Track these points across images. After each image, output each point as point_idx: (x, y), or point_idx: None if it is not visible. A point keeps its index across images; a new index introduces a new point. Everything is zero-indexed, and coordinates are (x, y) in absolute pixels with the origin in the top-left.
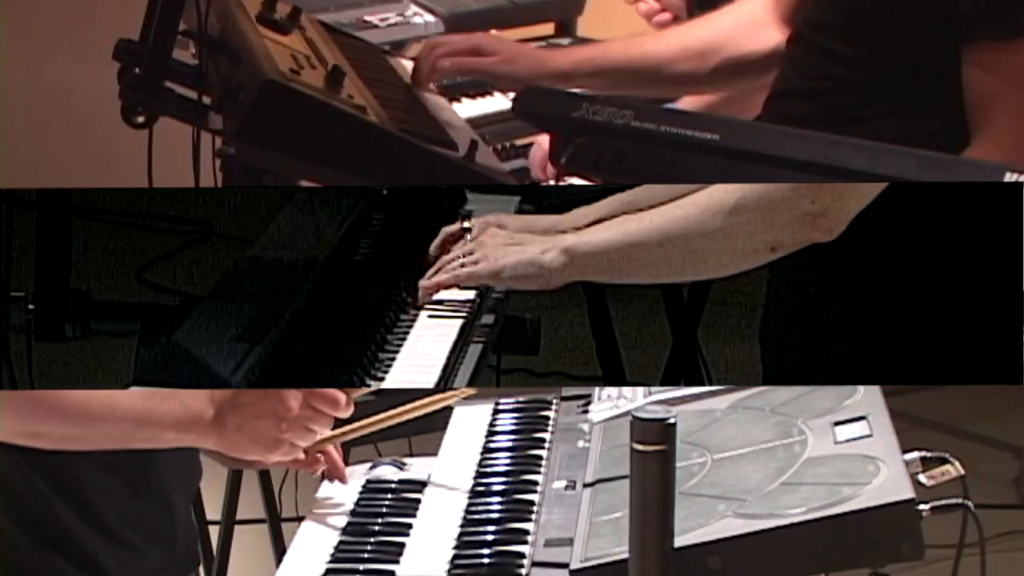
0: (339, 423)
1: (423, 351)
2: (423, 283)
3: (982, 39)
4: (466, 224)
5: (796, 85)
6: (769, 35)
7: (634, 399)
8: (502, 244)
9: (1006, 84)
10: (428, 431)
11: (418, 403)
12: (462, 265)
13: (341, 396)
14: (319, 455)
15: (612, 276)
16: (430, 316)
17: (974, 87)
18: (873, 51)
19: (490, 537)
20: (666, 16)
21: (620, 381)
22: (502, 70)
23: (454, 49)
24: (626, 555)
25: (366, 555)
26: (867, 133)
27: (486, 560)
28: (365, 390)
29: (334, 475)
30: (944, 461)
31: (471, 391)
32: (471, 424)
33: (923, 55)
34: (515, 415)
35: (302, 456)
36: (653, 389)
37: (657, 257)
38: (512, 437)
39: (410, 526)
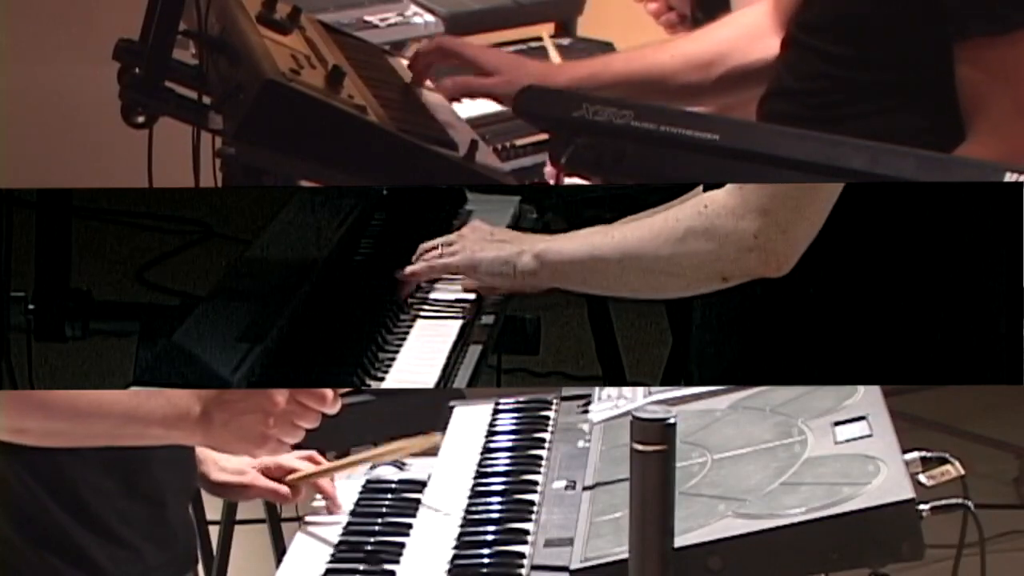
0: (325, 420)
1: (423, 351)
2: (399, 274)
3: (973, 35)
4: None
5: (790, 86)
6: (771, 44)
7: (634, 399)
8: (482, 239)
9: (998, 80)
10: (428, 431)
11: (395, 445)
12: (440, 256)
13: (328, 392)
14: (300, 487)
15: (577, 286)
16: (430, 316)
17: (967, 84)
18: (865, 50)
19: (490, 537)
20: (673, 16)
21: (620, 381)
22: (506, 91)
23: (454, 53)
24: (626, 555)
25: (366, 555)
26: (860, 131)
27: (486, 560)
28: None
29: (329, 508)
30: (944, 461)
31: (437, 440)
32: (471, 424)
33: (914, 53)
34: (515, 415)
35: (288, 450)
36: (653, 389)
37: (616, 273)
38: (512, 437)
39: (410, 526)
